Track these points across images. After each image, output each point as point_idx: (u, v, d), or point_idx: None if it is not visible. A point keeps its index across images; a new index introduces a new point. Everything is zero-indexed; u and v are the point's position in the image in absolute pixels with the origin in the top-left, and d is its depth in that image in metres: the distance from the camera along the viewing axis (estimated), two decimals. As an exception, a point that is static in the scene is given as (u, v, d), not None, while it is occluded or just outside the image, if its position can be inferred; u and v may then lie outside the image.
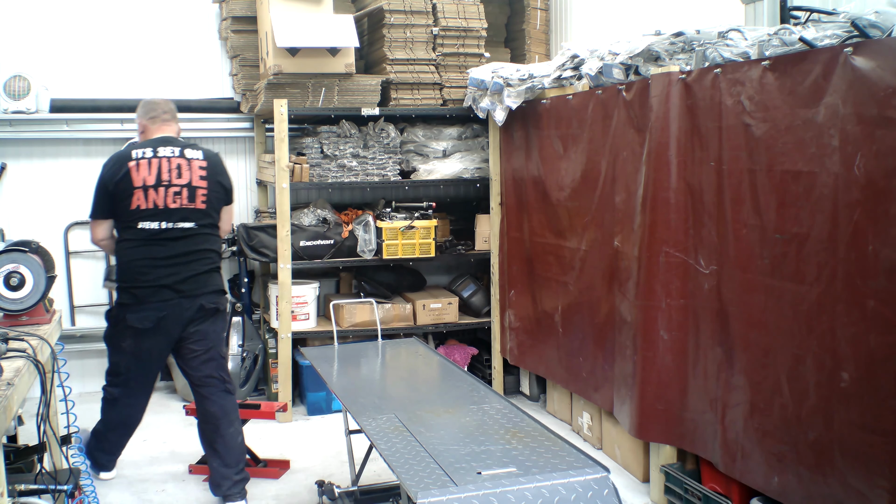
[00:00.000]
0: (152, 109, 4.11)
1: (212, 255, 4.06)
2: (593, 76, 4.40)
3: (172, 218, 3.91)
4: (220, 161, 4.16)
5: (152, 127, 4.07)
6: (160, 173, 3.89)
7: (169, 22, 6.14)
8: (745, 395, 3.42)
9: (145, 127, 4.10)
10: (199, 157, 4.01)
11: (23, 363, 2.80)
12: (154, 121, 4.08)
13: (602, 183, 4.41)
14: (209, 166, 4.02)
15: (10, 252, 3.36)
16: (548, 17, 6.26)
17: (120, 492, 4.30)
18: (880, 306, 2.75)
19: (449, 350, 5.89)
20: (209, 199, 4.00)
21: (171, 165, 3.92)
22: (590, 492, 2.43)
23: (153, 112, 4.09)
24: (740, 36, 3.56)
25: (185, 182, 3.93)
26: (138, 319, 3.90)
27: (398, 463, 2.62)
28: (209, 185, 4.00)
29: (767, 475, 3.30)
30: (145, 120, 4.10)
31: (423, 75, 5.66)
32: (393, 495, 3.61)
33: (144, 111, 4.12)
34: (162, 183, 3.89)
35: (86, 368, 6.01)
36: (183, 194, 3.92)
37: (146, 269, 3.89)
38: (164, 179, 3.89)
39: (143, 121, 4.11)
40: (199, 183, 3.97)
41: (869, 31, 2.84)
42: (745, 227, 3.39)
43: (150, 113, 4.09)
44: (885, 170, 2.72)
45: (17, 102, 5.71)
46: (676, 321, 3.85)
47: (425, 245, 5.63)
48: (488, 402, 3.23)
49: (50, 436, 3.25)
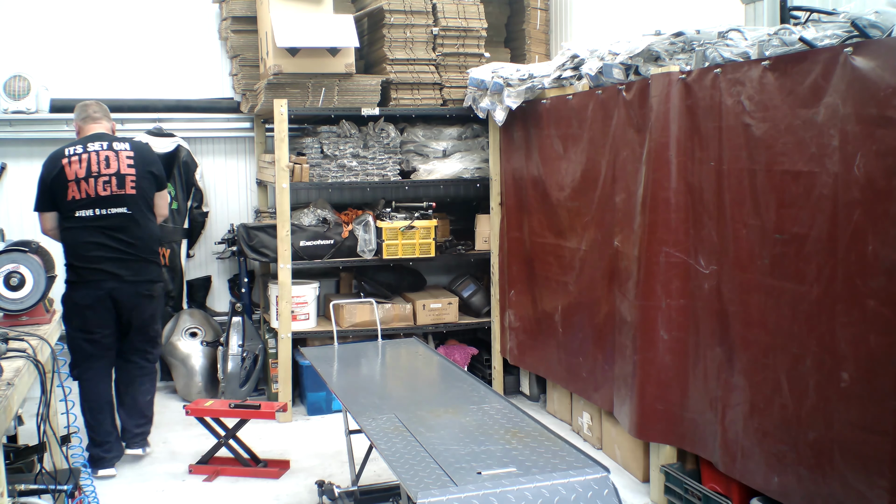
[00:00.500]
0: (83, 110, 4.58)
1: (150, 245, 4.49)
2: (593, 76, 4.40)
3: (105, 204, 4.34)
4: (149, 150, 4.68)
5: (85, 126, 4.53)
6: (90, 165, 4.33)
7: (169, 22, 6.15)
8: (745, 395, 3.42)
9: (80, 127, 4.55)
10: (126, 147, 4.45)
11: (23, 363, 2.80)
12: (86, 121, 4.54)
13: (602, 183, 4.41)
14: (136, 155, 4.46)
15: (10, 252, 3.37)
16: (548, 17, 6.26)
17: (120, 492, 4.30)
18: (880, 306, 2.75)
19: (449, 350, 5.89)
20: (139, 185, 4.42)
21: (100, 158, 4.36)
22: (590, 492, 2.43)
23: (84, 113, 4.56)
24: (740, 36, 3.56)
25: (114, 171, 4.36)
26: (81, 297, 4.35)
27: (398, 463, 2.62)
28: (138, 173, 4.42)
29: (767, 475, 3.30)
30: (79, 121, 4.56)
31: (423, 75, 5.66)
32: (393, 495, 3.61)
33: (78, 113, 4.59)
34: (91, 174, 4.32)
35: (86, 368, 6.01)
36: (112, 182, 4.35)
37: (87, 250, 4.32)
38: (93, 171, 4.32)
39: (77, 122, 4.58)
40: (128, 171, 4.39)
41: (869, 31, 2.84)
42: (745, 227, 3.39)
43: (82, 114, 4.57)
44: (885, 170, 2.72)
45: (17, 102, 5.71)
46: (676, 321, 3.85)
47: (425, 245, 5.63)
48: (488, 402, 3.23)
49: (50, 436, 3.25)
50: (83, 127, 4.53)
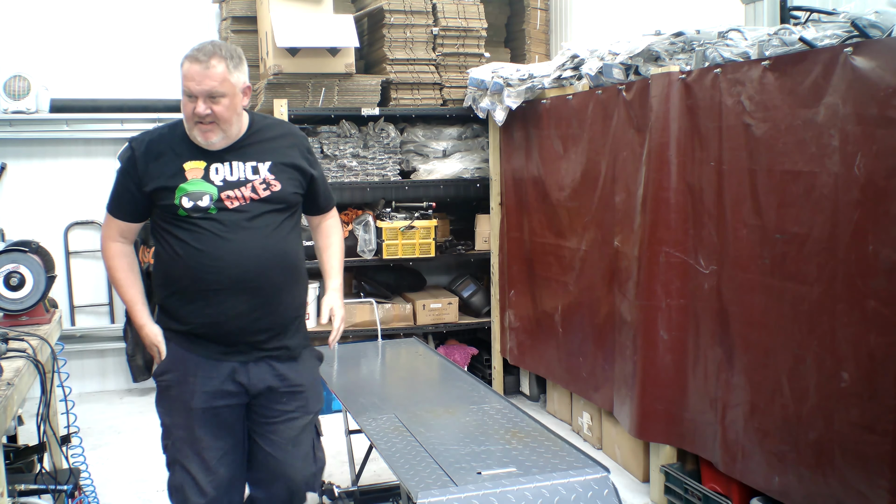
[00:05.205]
0: None
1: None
2: (593, 76, 4.40)
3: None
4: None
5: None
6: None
7: (169, 22, 6.14)
8: (745, 395, 3.42)
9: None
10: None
11: (23, 363, 2.80)
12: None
13: (602, 183, 4.41)
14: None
15: (10, 252, 3.36)
16: (548, 17, 6.26)
17: (120, 492, 4.30)
18: (880, 306, 2.75)
19: (449, 350, 5.89)
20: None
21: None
22: (590, 492, 2.43)
23: None
24: (740, 36, 3.56)
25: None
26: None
27: (398, 463, 2.62)
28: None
29: (768, 475, 3.30)
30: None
31: (423, 75, 5.66)
32: (393, 495, 3.61)
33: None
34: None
35: (86, 368, 6.02)
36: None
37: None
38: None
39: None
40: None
41: (869, 31, 2.84)
42: (746, 227, 3.39)
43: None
44: (885, 170, 2.72)
45: (17, 102, 5.70)
46: (676, 321, 3.85)
47: (425, 245, 5.63)
48: (488, 402, 3.22)
49: (50, 436, 3.25)
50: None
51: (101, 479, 4.37)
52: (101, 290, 6.06)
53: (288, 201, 2.81)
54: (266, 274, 2.73)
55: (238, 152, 2.75)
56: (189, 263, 2.69)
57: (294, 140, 2.88)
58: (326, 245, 3.15)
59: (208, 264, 2.67)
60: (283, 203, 2.79)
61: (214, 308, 2.70)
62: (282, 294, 2.79)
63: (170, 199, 2.68)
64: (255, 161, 2.75)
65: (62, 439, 3.55)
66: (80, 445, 4.01)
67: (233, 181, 2.71)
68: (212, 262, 2.67)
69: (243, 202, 2.71)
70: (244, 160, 2.74)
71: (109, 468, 4.64)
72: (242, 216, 2.70)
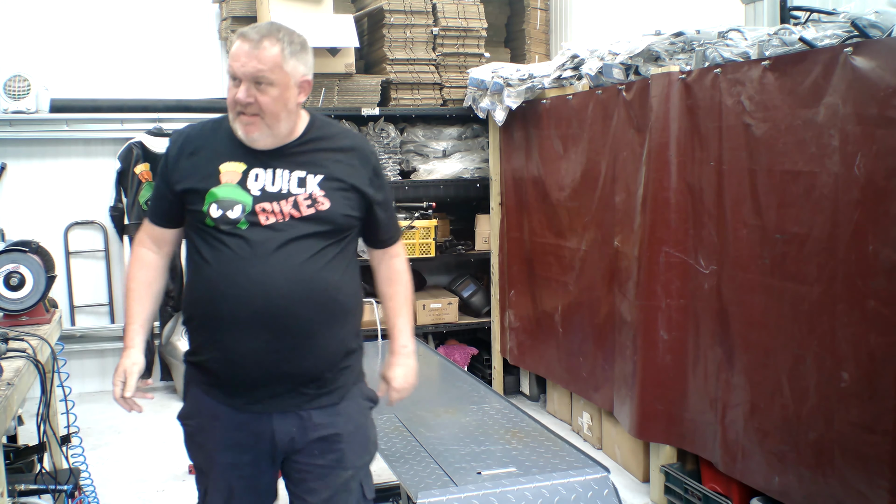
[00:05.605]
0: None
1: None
2: (593, 76, 4.40)
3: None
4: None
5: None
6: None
7: (169, 22, 6.14)
8: (745, 395, 3.42)
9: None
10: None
11: (23, 363, 2.80)
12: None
13: (602, 183, 4.41)
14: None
15: (10, 252, 3.36)
16: (548, 17, 6.26)
17: (120, 492, 4.30)
18: (880, 306, 2.75)
19: (449, 350, 5.88)
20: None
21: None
22: (590, 492, 2.43)
23: None
24: (740, 36, 3.56)
25: None
26: None
27: (398, 463, 2.62)
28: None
29: (768, 475, 3.30)
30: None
31: (423, 75, 5.66)
32: (393, 495, 3.61)
33: None
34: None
35: (86, 368, 6.01)
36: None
37: None
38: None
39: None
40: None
41: (869, 31, 2.84)
42: (746, 227, 3.39)
43: None
44: (885, 170, 2.72)
45: (17, 102, 5.70)
46: (676, 321, 3.85)
47: (425, 245, 5.63)
48: (488, 402, 3.23)
49: (50, 436, 3.25)
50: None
51: (101, 479, 4.37)
52: (101, 290, 6.06)
53: (336, 223, 2.26)
54: (294, 309, 2.19)
55: (286, 159, 2.24)
56: (206, 286, 2.21)
57: (360, 155, 2.33)
58: (391, 293, 2.59)
59: (224, 290, 2.18)
60: (330, 225, 2.24)
61: (229, 343, 2.21)
62: (316, 336, 2.25)
63: (199, 204, 2.21)
64: (305, 171, 2.23)
65: (62, 439, 3.55)
66: (80, 445, 4.00)
67: (272, 192, 2.20)
68: (227, 289, 2.17)
69: (280, 218, 2.19)
70: (291, 168, 2.23)
71: (109, 468, 4.64)
72: (277, 235, 2.18)
